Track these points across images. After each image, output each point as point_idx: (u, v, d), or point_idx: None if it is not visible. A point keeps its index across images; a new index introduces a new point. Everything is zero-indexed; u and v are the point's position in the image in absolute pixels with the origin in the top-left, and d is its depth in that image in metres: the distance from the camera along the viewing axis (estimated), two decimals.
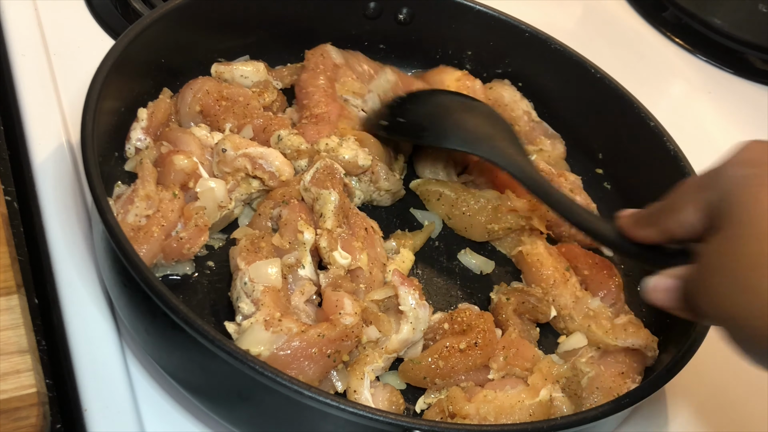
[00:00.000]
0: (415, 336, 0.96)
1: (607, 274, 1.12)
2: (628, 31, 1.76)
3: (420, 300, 0.97)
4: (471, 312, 1.01)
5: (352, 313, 0.93)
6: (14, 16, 1.29)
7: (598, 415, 0.85)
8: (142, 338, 0.90)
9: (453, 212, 1.17)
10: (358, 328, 0.92)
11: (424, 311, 0.97)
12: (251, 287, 0.93)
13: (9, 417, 0.85)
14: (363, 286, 1.00)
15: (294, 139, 1.12)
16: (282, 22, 1.29)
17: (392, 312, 0.98)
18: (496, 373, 0.97)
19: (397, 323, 0.96)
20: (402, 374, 0.98)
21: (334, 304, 0.94)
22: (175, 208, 0.99)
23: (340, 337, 0.90)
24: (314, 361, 0.89)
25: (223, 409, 0.88)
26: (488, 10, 1.32)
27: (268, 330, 0.88)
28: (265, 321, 0.89)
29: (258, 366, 0.77)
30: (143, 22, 1.07)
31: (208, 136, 1.11)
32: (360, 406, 0.78)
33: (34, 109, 1.17)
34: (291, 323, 0.90)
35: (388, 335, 0.95)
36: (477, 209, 1.15)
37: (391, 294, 0.98)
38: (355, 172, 1.13)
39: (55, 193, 1.08)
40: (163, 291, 0.80)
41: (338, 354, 0.91)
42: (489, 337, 0.98)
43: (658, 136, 1.22)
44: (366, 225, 1.06)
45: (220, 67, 1.23)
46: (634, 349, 1.02)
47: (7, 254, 0.96)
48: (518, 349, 0.99)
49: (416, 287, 0.97)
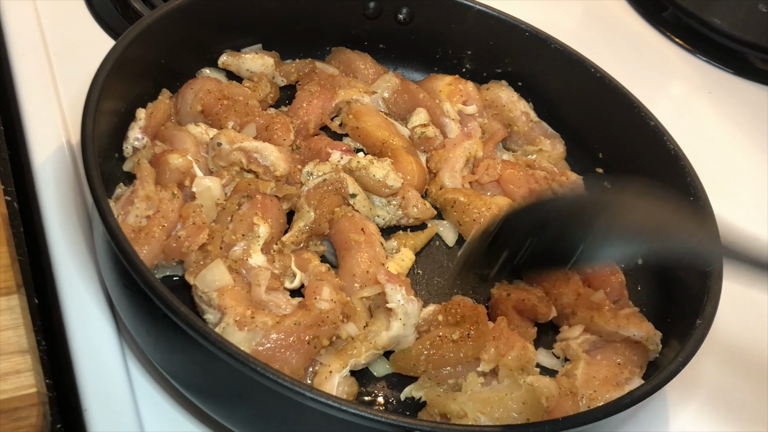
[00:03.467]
0: (405, 331, 0.97)
1: (609, 271, 1.13)
2: (628, 31, 1.76)
3: (407, 295, 0.97)
4: (464, 304, 1.01)
5: (328, 299, 0.93)
6: (14, 16, 1.29)
7: (600, 415, 0.85)
8: (142, 339, 0.90)
9: (464, 218, 1.15)
10: (333, 313, 0.92)
11: (413, 306, 0.97)
12: (207, 297, 0.93)
13: (9, 417, 0.85)
14: (357, 285, 1.01)
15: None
16: (280, 23, 1.29)
17: (382, 309, 0.98)
18: (486, 365, 0.97)
19: (387, 320, 0.97)
20: (392, 363, 0.98)
21: (313, 291, 0.95)
22: (175, 207, 1.00)
23: (316, 322, 0.90)
24: (295, 350, 0.89)
25: (223, 410, 0.87)
26: (488, 9, 1.32)
27: (243, 330, 0.89)
28: (236, 321, 0.89)
29: (259, 368, 0.77)
30: (143, 22, 1.07)
31: (203, 133, 1.11)
32: (362, 408, 0.78)
33: (34, 109, 1.17)
34: (264, 317, 0.90)
35: (362, 330, 0.96)
36: (489, 216, 1.13)
37: (378, 291, 0.98)
38: (383, 193, 1.12)
39: (55, 193, 1.08)
40: (164, 293, 0.80)
41: (317, 339, 0.91)
42: (482, 329, 0.98)
43: (658, 135, 1.22)
44: (361, 225, 1.06)
45: (228, 59, 1.24)
46: (635, 342, 1.02)
47: (7, 254, 0.96)
48: (508, 339, 0.99)
49: (403, 283, 0.97)
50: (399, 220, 1.15)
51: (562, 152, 1.31)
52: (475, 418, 0.89)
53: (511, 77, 1.35)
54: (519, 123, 1.31)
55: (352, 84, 1.27)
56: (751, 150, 1.56)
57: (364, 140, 1.22)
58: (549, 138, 1.31)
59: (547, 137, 1.31)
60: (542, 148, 1.30)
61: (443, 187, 1.20)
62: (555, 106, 1.34)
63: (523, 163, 1.26)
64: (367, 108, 1.25)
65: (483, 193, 1.21)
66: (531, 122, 1.32)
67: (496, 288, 1.09)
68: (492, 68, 1.36)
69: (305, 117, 1.21)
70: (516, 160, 1.27)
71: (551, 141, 1.31)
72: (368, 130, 1.22)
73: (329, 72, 1.29)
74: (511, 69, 1.36)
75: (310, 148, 1.17)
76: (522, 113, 1.32)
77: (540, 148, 1.30)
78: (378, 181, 1.11)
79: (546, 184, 1.21)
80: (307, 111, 1.22)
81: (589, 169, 1.31)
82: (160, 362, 0.89)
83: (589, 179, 1.30)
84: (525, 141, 1.31)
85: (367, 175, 1.11)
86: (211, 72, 1.24)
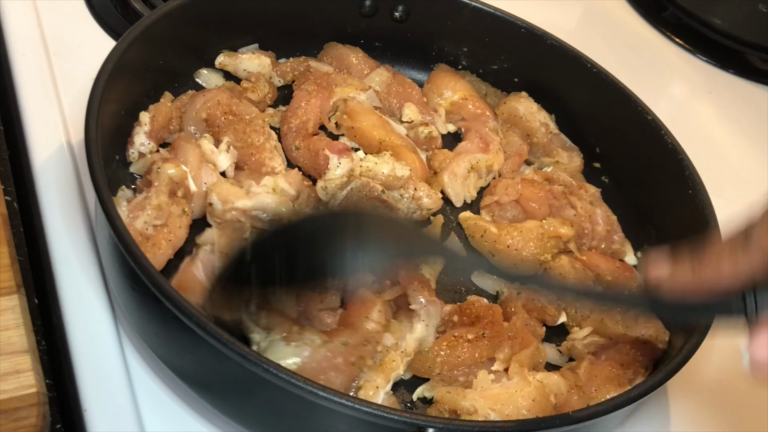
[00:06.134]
0: (428, 332, 0.97)
1: (629, 276, 1.13)
2: (628, 31, 1.76)
3: (430, 297, 0.97)
4: (480, 303, 1.01)
5: (377, 321, 0.93)
6: (14, 16, 1.28)
7: (608, 408, 0.85)
8: (150, 341, 0.90)
9: (497, 247, 1.12)
10: (379, 334, 0.93)
11: (435, 308, 0.97)
12: (257, 316, 0.92)
13: (9, 417, 0.84)
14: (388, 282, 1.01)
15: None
16: (278, 21, 1.28)
17: (403, 311, 0.98)
18: (500, 365, 0.97)
19: (410, 322, 0.96)
20: (409, 366, 0.97)
21: (360, 309, 0.94)
22: (183, 224, 1.00)
23: (362, 342, 0.91)
24: (340, 371, 0.89)
25: (233, 409, 0.87)
26: (484, 6, 1.32)
27: (289, 345, 0.88)
28: (284, 337, 0.89)
29: (272, 368, 0.77)
30: (143, 23, 1.07)
31: (214, 151, 1.10)
32: (374, 405, 0.78)
33: (34, 109, 1.16)
34: (312, 334, 0.90)
35: (400, 338, 0.95)
36: (523, 243, 1.11)
37: (400, 293, 0.98)
38: (396, 185, 1.12)
39: (56, 193, 1.07)
40: (175, 296, 0.79)
41: (362, 360, 0.91)
42: (497, 329, 0.98)
43: (655, 129, 1.22)
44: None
45: (225, 59, 1.24)
46: (643, 342, 1.02)
47: (7, 254, 0.96)
48: (523, 338, 0.99)
49: (425, 284, 0.97)
50: (413, 213, 1.15)
51: (579, 165, 1.30)
52: (485, 415, 0.89)
53: (507, 73, 1.35)
54: (538, 134, 1.30)
55: (348, 81, 1.27)
56: (751, 150, 1.55)
57: (360, 140, 1.22)
58: (567, 150, 1.30)
59: (565, 150, 1.30)
60: (559, 160, 1.28)
61: (444, 187, 1.20)
62: (551, 102, 1.34)
63: (542, 177, 1.24)
64: (361, 107, 1.24)
65: (503, 215, 1.20)
66: (550, 134, 1.31)
67: (506, 286, 1.09)
68: (488, 65, 1.36)
69: (304, 117, 1.21)
70: (534, 174, 1.25)
71: (569, 153, 1.30)
72: (364, 129, 1.21)
73: (324, 70, 1.29)
74: (507, 65, 1.36)
75: (309, 149, 1.17)
76: (541, 124, 1.30)
77: (557, 160, 1.28)
78: (387, 175, 1.11)
79: (564, 198, 1.20)
80: (306, 111, 1.21)
81: (587, 163, 1.31)
82: (170, 364, 0.89)
83: (586, 173, 1.30)
84: (543, 153, 1.31)
85: (375, 175, 1.11)
86: (209, 73, 1.24)
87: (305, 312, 0.96)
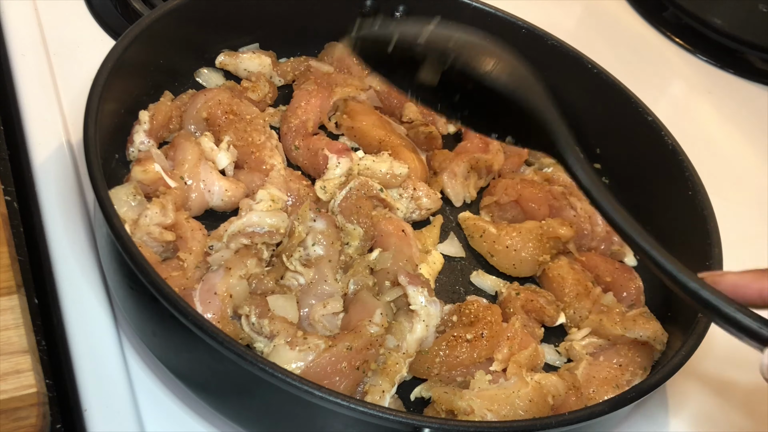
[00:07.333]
0: (428, 333, 0.97)
1: (628, 277, 1.13)
2: (628, 31, 1.76)
3: (430, 297, 0.97)
4: (479, 304, 1.01)
5: (380, 324, 0.93)
6: (14, 16, 1.29)
7: (605, 409, 0.85)
8: (148, 340, 0.90)
9: (496, 248, 1.13)
10: (383, 337, 0.93)
11: (436, 308, 0.97)
12: (259, 325, 0.93)
13: (9, 417, 0.84)
14: (388, 284, 1.01)
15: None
16: (278, 21, 1.29)
17: (404, 311, 0.98)
18: (499, 365, 0.97)
19: (410, 322, 0.96)
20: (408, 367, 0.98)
21: (362, 312, 0.94)
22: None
23: (366, 346, 0.91)
24: (344, 376, 0.89)
25: (230, 409, 0.87)
26: (484, 6, 1.32)
27: (293, 349, 0.89)
28: (288, 342, 0.89)
29: (267, 366, 0.77)
30: (143, 22, 1.07)
31: (214, 149, 1.10)
32: (370, 405, 0.78)
33: (34, 109, 1.17)
34: (317, 339, 0.90)
35: (401, 339, 0.95)
36: (522, 243, 1.11)
37: (401, 294, 0.98)
38: (394, 183, 1.12)
39: (55, 193, 1.08)
40: (172, 294, 0.80)
41: (366, 364, 0.91)
42: (496, 329, 0.98)
43: (656, 130, 1.22)
44: (402, 227, 1.07)
45: (226, 59, 1.24)
46: (641, 343, 1.02)
47: (7, 254, 0.96)
48: (522, 339, 0.99)
49: (424, 284, 0.97)
50: (412, 213, 1.15)
51: None
52: (482, 415, 0.89)
53: None
54: None
55: (348, 81, 1.27)
56: (751, 150, 1.55)
57: (360, 140, 1.22)
58: None
59: None
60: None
61: (443, 187, 1.20)
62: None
63: (541, 177, 1.24)
64: (361, 107, 1.24)
65: (503, 215, 1.20)
66: None
67: (505, 287, 1.09)
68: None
69: (304, 116, 1.21)
70: (534, 175, 1.25)
71: None
72: (364, 129, 1.21)
73: (324, 70, 1.29)
74: None
75: (309, 149, 1.17)
76: None
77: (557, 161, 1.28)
78: (385, 174, 1.11)
79: (564, 199, 1.20)
80: (306, 110, 1.21)
81: None
82: (167, 363, 0.89)
83: None
84: (542, 153, 1.31)
85: (374, 174, 1.11)
86: (209, 72, 1.24)
87: (308, 317, 0.96)
